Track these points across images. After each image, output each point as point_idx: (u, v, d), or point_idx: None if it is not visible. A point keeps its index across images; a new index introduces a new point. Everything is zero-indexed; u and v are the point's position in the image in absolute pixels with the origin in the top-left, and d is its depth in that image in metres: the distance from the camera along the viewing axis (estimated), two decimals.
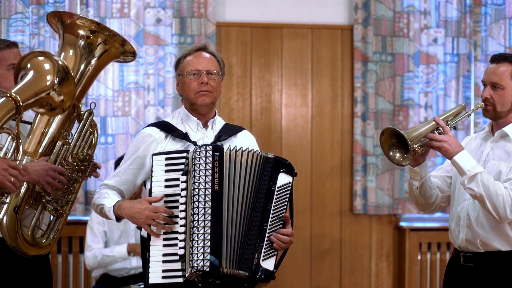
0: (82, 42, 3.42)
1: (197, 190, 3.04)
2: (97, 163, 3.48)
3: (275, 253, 3.13)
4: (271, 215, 3.11)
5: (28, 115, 3.42)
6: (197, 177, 3.05)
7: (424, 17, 5.95)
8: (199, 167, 3.05)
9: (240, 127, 3.43)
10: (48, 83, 2.93)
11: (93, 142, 3.43)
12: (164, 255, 3.07)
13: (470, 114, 3.48)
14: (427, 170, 3.41)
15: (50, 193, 3.29)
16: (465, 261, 3.40)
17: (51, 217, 3.37)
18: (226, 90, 5.81)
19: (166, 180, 3.13)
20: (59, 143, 3.32)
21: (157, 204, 3.12)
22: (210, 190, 3.04)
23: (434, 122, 3.29)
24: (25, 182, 3.21)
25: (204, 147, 3.08)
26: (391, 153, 3.27)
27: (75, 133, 3.40)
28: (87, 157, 3.39)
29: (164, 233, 3.08)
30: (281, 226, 3.15)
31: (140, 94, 5.73)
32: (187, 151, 3.12)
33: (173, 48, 5.71)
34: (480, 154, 3.42)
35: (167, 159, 3.13)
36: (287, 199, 3.16)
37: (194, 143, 3.23)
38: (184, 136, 3.26)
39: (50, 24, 3.53)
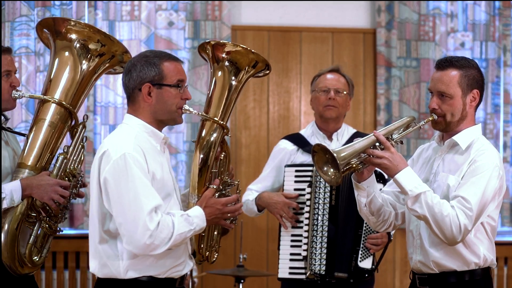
0: (77, 45, 3.38)
1: (317, 204, 3.90)
2: (85, 182, 3.43)
3: (372, 253, 3.87)
4: (365, 222, 3.66)
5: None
6: (318, 193, 3.90)
7: (450, 20, 5.82)
8: (319, 184, 3.90)
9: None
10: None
11: (82, 157, 3.41)
12: (292, 254, 3.93)
13: (420, 127, 3.24)
14: (375, 185, 3.18)
15: (49, 210, 3.24)
16: (421, 283, 3.21)
17: (38, 233, 3.30)
18: (242, 97, 5.70)
19: (295, 189, 3.96)
20: (60, 157, 3.30)
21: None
22: (328, 205, 3.88)
23: (373, 137, 3.06)
24: (25, 198, 3.19)
25: None
26: (325, 168, 3.02)
27: (70, 146, 3.38)
28: (79, 172, 3.36)
29: (292, 235, 3.94)
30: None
31: None
32: (312, 165, 3.75)
33: (186, 53, 5.57)
34: (431, 166, 3.23)
35: (296, 171, 3.96)
36: None
37: None
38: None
39: (40, 37, 3.48)
